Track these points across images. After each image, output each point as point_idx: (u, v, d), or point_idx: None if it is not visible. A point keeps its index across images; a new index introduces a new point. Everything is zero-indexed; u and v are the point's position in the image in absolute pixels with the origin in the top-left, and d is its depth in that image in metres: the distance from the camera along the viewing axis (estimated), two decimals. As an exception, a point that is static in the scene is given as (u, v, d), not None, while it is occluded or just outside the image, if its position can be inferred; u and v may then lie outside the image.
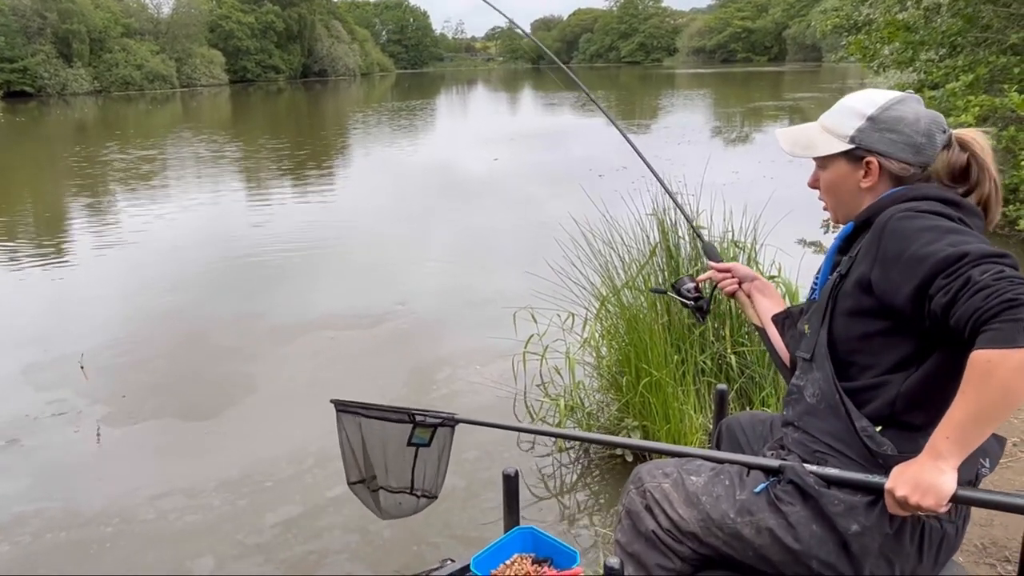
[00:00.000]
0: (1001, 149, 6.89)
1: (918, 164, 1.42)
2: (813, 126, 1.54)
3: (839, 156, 1.48)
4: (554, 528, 2.86)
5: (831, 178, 1.51)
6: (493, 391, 3.98)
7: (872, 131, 1.43)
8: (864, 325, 1.36)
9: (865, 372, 1.36)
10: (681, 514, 1.47)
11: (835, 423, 1.38)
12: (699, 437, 3.08)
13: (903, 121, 1.41)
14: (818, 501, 1.34)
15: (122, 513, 3.07)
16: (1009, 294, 1.10)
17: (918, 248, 1.23)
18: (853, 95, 1.51)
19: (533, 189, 10.60)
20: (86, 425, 3.85)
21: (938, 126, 1.42)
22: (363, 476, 2.48)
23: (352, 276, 6.70)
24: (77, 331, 5.24)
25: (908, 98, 1.45)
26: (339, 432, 2.45)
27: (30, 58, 44.80)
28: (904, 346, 1.32)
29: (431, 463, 2.45)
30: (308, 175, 13.01)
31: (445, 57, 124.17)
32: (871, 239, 1.34)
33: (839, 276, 1.42)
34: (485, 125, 23.52)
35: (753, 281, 1.88)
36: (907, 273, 1.23)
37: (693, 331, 3.36)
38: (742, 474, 1.47)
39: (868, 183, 1.45)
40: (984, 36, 7.89)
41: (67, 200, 11.20)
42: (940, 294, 1.18)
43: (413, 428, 2.33)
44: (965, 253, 1.17)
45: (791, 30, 79.41)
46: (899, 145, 1.42)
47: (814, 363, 1.44)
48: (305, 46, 69.91)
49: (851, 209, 1.49)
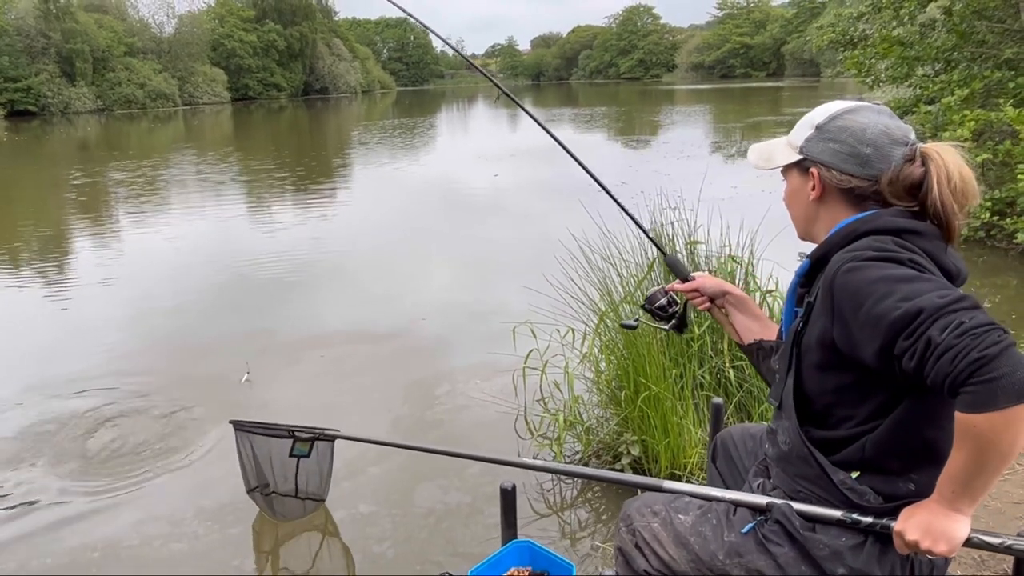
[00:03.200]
0: (998, 163, 6.92)
1: (864, 177, 1.34)
2: (780, 139, 1.51)
3: (792, 168, 1.45)
4: (553, 542, 2.86)
5: (788, 191, 1.49)
6: (493, 406, 3.99)
7: (817, 141, 1.39)
8: (837, 378, 1.32)
9: (844, 423, 1.33)
10: (672, 554, 1.47)
11: (810, 472, 1.36)
12: (698, 451, 3.08)
13: (847, 131, 1.36)
14: (803, 544, 1.33)
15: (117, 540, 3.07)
16: (974, 353, 1.05)
17: (871, 306, 1.17)
18: (819, 107, 1.46)
19: (533, 204, 10.65)
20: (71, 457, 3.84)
21: (894, 138, 1.34)
22: (257, 484, 2.89)
23: (353, 293, 6.71)
24: (74, 353, 5.25)
25: (864, 108, 1.38)
26: (237, 447, 2.88)
27: (34, 77, 45.18)
28: (879, 395, 1.29)
29: (313, 471, 2.86)
30: (309, 192, 13.06)
31: (446, 74, 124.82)
32: (824, 293, 1.28)
33: (801, 323, 1.37)
34: (485, 141, 23.61)
35: (726, 296, 1.80)
36: (866, 334, 1.18)
37: (691, 345, 3.37)
38: (729, 512, 1.46)
39: (814, 195, 1.41)
40: (979, 51, 7.96)
41: (67, 218, 11.25)
42: (906, 357, 1.13)
43: (293, 443, 2.74)
44: (920, 309, 1.11)
45: (789, 46, 79.93)
46: (841, 155, 1.36)
47: (783, 412, 1.41)
48: (307, 64, 70.42)
49: (808, 224, 1.46)
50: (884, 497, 1.29)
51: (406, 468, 3.44)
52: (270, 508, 2.94)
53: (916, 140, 1.36)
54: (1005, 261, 6.93)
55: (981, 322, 1.08)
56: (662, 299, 1.86)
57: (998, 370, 1.04)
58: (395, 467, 3.46)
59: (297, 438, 2.73)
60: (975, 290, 6.58)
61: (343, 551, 2.93)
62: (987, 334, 1.06)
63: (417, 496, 3.24)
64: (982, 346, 1.05)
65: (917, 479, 1.29)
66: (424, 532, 2.97)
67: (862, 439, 1.29)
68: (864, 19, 9.10)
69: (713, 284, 1.81)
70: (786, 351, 1.40)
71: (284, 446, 2.76)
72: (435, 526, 3.02)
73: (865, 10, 8.89)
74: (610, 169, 13.11)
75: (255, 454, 2.84)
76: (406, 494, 3.26)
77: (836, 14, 10.86)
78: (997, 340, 1.06)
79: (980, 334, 1.06)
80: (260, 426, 2.81)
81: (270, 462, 2.83)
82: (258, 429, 2.80)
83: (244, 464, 2.89)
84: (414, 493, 3.26)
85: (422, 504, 3.17)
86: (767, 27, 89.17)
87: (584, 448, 3.40)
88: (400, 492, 3.27)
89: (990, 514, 2.61)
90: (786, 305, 1.51)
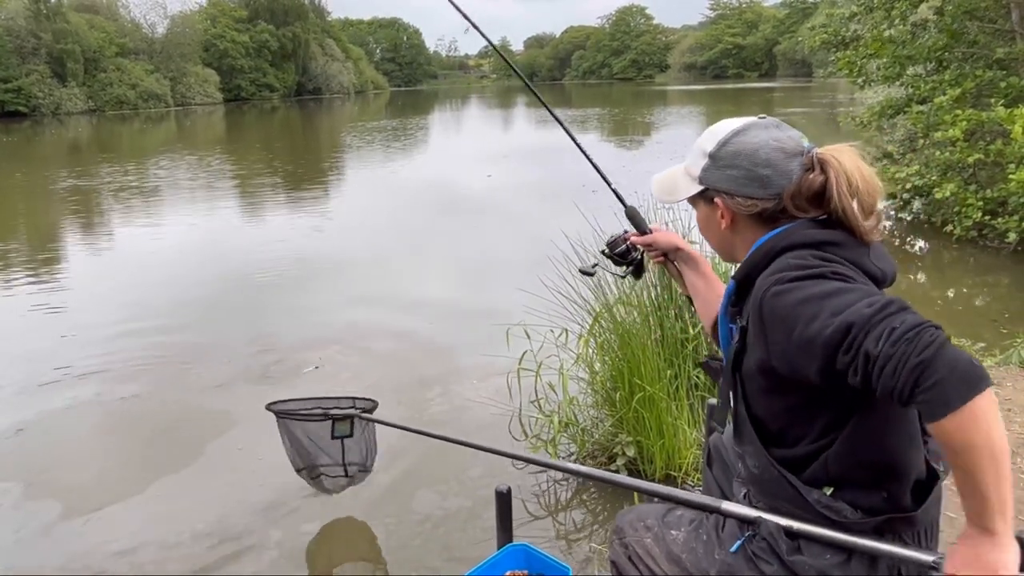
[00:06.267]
0: (989, 163, 6.96)
1: (768, 197, 1.32)
2: (679, 168, 1.48)
3: (698, 198, 1.43)
4: (549, 545, 2.84)
5: (700, 220, 1.47)
6: (487, 408, 3.97)
7: (714, 169, 1.37)
8: (784, 400, 1.30)
9: (800, 441, 1.30)
10: (665, 570, 1.47)
11: (786, 492, 1.33)
12: (693, 452, 3.08)
13: (740, 155, 1.33)
14: (791, 567, 1.31)
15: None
16: (912, 359, 1.04)
17: (802, 329, 1.15)
18: (706, 131, 1.42)
19: (526, 205, 10.65)
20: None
21: (787, 151, 1.31)
22: (303, 465, 2.87)
23: (345, 294, 6.68)
24: (62, 357, 5.21)
25: (751, 126, 1.35)
26: (280, 433, 2.85)
27: (24, 78, 44.92)
28: (830, 409, 1.26)
29: (359, 446, 2.84)
30: (302, 193, 13.03)
31: (439, 75, 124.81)
32: (755, 319, 1.26)
33: (739, 345, 1.35)
34: (479, 142, 23.57)
35: (678, 251, 1.79)
36: (803, 357, 1.16)
37: (686, 346, 3.37)
38: (718, 527, 1.45)
39: (725, 224, 1.39)
40: (971, 51, 7.99)
41: (56, 220, 11.18)
42: (850, 373, 1.11)
43: (333, 424, 2.72)
44: (850, 324, 1.09)
45: (781, 46, 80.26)
46: (740, 181, 1.33)
47: (743, 438, 1.40)
48: (299, 65, 70.23)
49: (727, 250, 1.45)
50: (862, 511, 1.27)
51: (408, 472, 3.43)
52: (321, 487, 2.94)
53: (811, 146, 1.33)
54: (997, 260, 6.96)
55: (911, 324, 1.07)
56: (622, 246, 1.88)
57: (939, 372, 1.03)
58: (396, 469, 3.44)
59: (335, 419, 2.70)
60: (967, 289, 6.61)
61: (343, 560, 2.91)
62: (918, 337, 1.05)
63: (415, 501, 3.21)
64: (917, 351, 1.04)
65: (888, 486, 1.28)
66: (420, 539, 2.96)
67: (822, 455, 1.27)
68: (856, 19, 9.13)
69: (666, 239, 1.81)
70: (728, 378, 1.39)
71: (324, 428, 2.74)
72: (432, 531, 3.00)
73: (857, 10, 8.92)
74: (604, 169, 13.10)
75: (299, 439, 2.81)
76: (406, 497, 3.24)
77: (828, 15, 10.88)
78: (930, 340, 1.04)
79: (912, 338, 1.05)
80: (295, 413, 2.78)
81: (315, 445, 2.80)
82: (294, 415, 2.78)
83: (288, 449, 2.86)
84: (412, 498, 3.24)
85: (419, 510, 3.15)
86: (759, 28, 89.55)
87: (579, 449, 3.39)
88: (400, 494, 3.26)
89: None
90: (720, 324, 1.49)
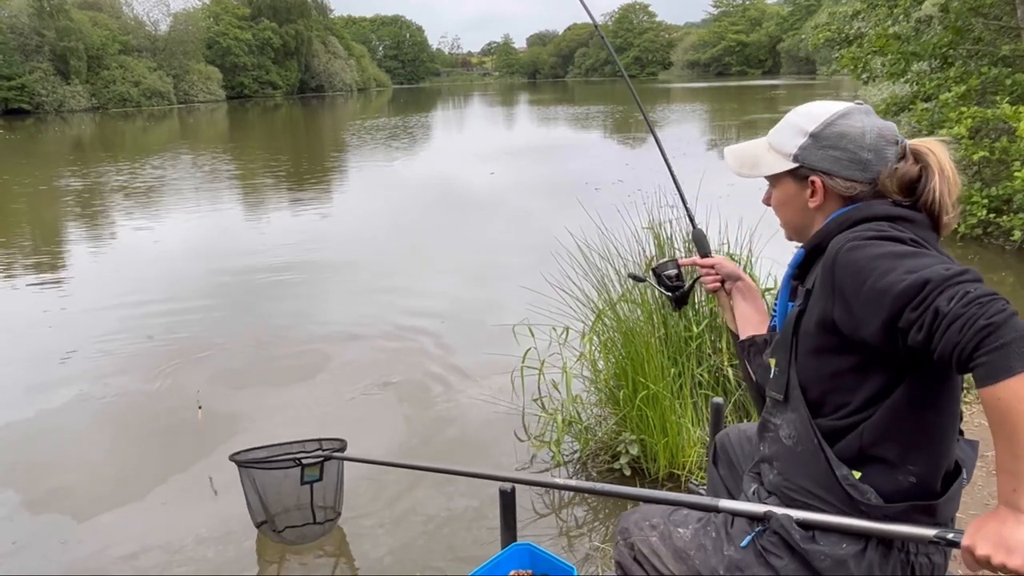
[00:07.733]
0: (994, 160, 6.92)
1: (866, 180, 1.35)
2: (760, 143, 1.49)
3: (785, 175, 1.43)
4: (553, 544, 2.84)
5: (780, 197, 1.47)
6: (491, 407, 3.97)
7: (815, 149, 1.38)
8: (834, 363, 1.30)
9: (839, 410, 1.30)
10: (671, 569, 1.45)
11: (814, 468, 1.32)
12: (697, 450, 3.07)
13: (846, 137, 1.35)
14: (804, 556, 1.30)
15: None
16: (981, 320, 1.05)
17: (875, 280, 1.16)
18: (797, 109, 1.45)
19: (530, 203, 10.62)
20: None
21: (887, 139, 1.35)
22: (267, 518, 2.71)
23: (349, 293, 6.68)
24: (62, 356, 5.21)
25: (853, 111, 1.38)
26: (241, 483, 2.69)
27: (28, 75, 45.00)
28: (877, 379, 1.26)
29: (329, 490, 2.72)
30: (305, 191, 13.03)
31: (442, 72, 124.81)
32: (824, 274, 1.27)
33: (799, 310, 1.35)
34: (482, 139, 23.57)
35: (737, 281, 1.79)
36: (870, 308, 1.17)
37: (690, 344, 3.36)
38: (727, 524, 1.44)
39: (815, 203, 1.40)
40: (976, 48, 7.96)
41: (60, 218, 11.19)
42: (914, 330, 1.11)
43: (302, 470, 2.59)
44: (927, 280, 1.10)
45: (785, 43, 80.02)
46: (843, 163, 1.35)
47: (788, 404, 1.38)
48: (302, 62, 70.24)
49: (802, 228, 1.45)
50: (885, 497, 1.27)
51: (412, 471, 3.40)
52: (283, 540, 2.78)
53: (902, 136, 1.38)
54: (1002, 258, 6.93)
55: (986, 292, 1.08)
56: (672, 270, 1.89)
57: (1007, 336, 1.04)
58: (401, 470, 3.41)
59: (305, 465, 2.58)
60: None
61: (346, 561, 2.91)
62: (992, 303, 1.07)
63: (419, 501, 3.20)
64: (988, 314, 1.05)
65: (916, 470, 1.27)
66: (423, 540, 2.94)
67: (859, 427, 1.27)
68: (860, 16, 9.10)
69: (730, 266, 1.84)
70: (785, 342, 1.37)
71: (294, 475, 2.62)
72: (436, 532, 2.98)
73: (860, 7, 8.89)
74: (607, 167, 13.10)
75: (263, 489, 2.66)
76: (410, 497, 3.22)
77: (831, 12, 10.84)
78: (1002, 308, 1.06)
79: (986, 303, 1.06)
80: (262, 461, 2.63)
81: (279, 495, 2.65)
82: (262, 464, 2.62)
83: (251, 499, 2.70)
84: (416, 498, 3.22)
85: (423, 510, 3.14)
86: (763, 25, 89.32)
87: (582, 448, 3.39)
88: (405, 494, 3.24)
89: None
90: (779, 299, 1.50)
